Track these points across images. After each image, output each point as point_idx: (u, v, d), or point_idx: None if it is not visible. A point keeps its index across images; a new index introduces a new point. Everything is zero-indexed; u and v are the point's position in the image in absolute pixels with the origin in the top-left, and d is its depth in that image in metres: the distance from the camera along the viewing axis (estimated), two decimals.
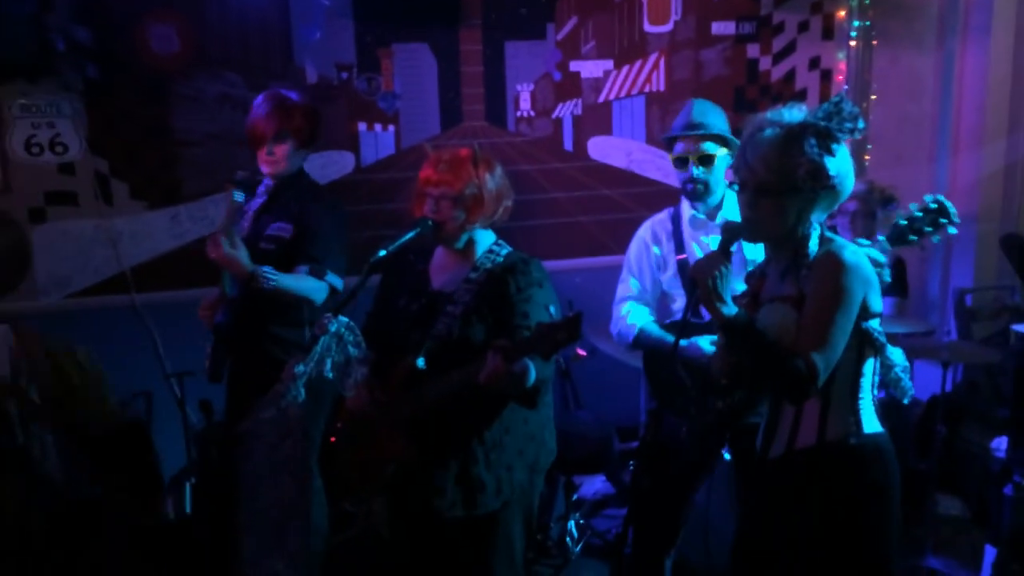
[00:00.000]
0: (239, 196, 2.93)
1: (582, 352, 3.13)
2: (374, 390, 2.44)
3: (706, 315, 2.93)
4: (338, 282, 3.04)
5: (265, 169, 3.10)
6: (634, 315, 3.08)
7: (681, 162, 2.97)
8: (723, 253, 2.10)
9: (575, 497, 3.97)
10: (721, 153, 2.95)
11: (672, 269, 3.07)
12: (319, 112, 3.21)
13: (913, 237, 2.53)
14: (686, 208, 3.08)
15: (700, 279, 2.05)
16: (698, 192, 2.95)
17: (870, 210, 3.79)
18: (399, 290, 2.55)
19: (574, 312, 2.09)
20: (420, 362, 2.34)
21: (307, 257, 2.99)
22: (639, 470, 3.26)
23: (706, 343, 2.89)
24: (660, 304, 3.17)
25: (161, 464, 4.24)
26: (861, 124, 2.06)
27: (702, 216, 3.03)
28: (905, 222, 2.53)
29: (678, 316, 3.08)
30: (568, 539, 3.86)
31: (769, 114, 2.10)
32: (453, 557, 2.54)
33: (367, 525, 3.56)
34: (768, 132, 2.06)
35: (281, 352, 2.99)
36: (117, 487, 2.34)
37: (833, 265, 2.04)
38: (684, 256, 3.03)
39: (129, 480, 2.39)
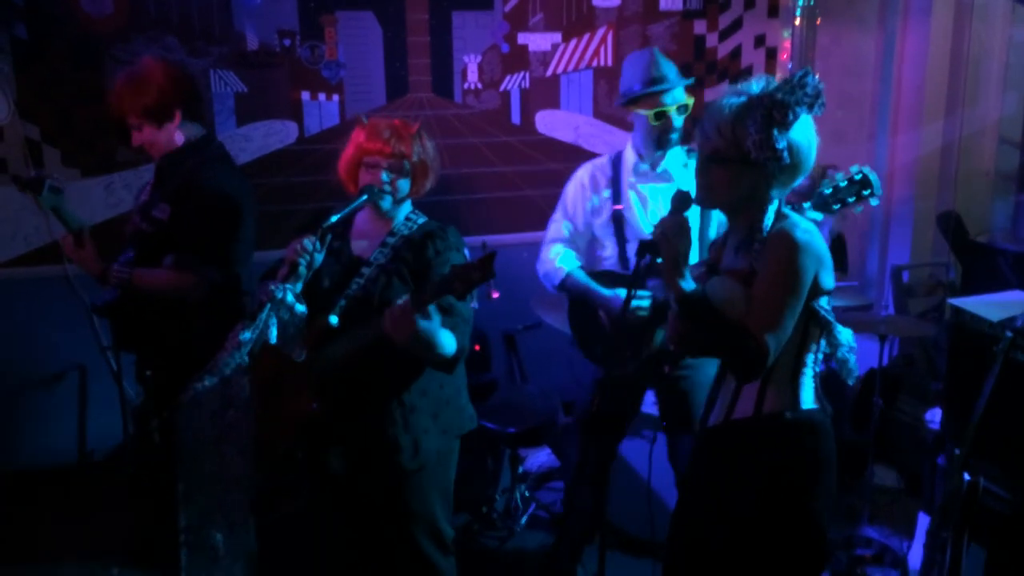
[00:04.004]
0: (46, 201, 2.71)
1: (496, 294, 3.17)
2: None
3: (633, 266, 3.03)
4: (212, 274, 2.75)
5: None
6: (563, 259, 3.13)
7: (661, 116, 2.97)
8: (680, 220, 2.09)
9: (520, 470, 3.98)
10: (690, 101, 3.00)
11: (606, 215, 3.10)
12: (183, 72, 2.87)
13: (836, 206, 2.60)
14: (629, 155, 3.11)
15: (664, 248, 2.04)
16: (681, 139, 3.02)
17: (816, 187, 3.86)
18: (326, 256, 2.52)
19: (488, 251, 2.08)
20: (333, 320, 2.32)
21: (177, 246, 2.74)
22: (585, 440, 3.30)
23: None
24: (588, 249, 3.21)
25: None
26: (822, 100, 2.03)
27: (646, 165, 3.08)
28: (830, 191, 2.60)
29: (606, 264, 3.13)
30: (513, 511, 3.88)
31: (740, 85, 2.09)
32: (373, 523, 2.55)
33: (299, 503, 3.53)
34: (729, 100, 2.05)
35: (160, 338, 2.85)
36: None
37: (785, 244, 2.02)
38: (621, 207, 3.07)
39: None
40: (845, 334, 2.15)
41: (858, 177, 2.57)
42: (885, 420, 4.24)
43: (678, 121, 2.99)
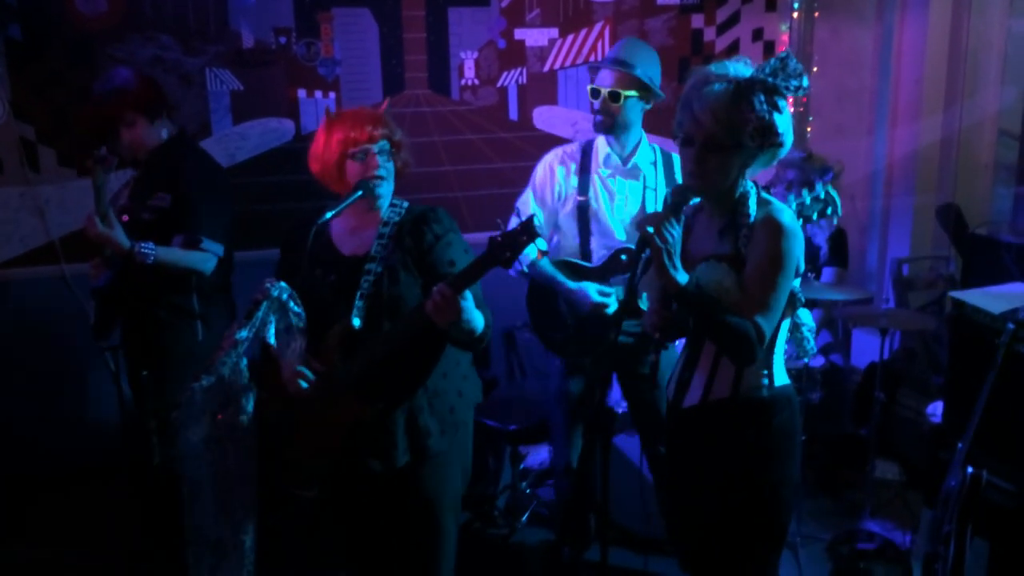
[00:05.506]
0: (101, 178, 2.88)
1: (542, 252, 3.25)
2: (310, 362, 2.38)
3: (596, 260, 3.06)
4: (217, 248, 3.04)
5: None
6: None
7: (593, 93, 2.99)
8: (674, 213, 2.06)
9: (521, 467, 3.97)
10: (631, 94, 2.95)
11: (571, 205, 3.09)
12: (153, 80, 3.16)
13: (800, 221, 2.63)
14: (601, 145, 3.08)
15: (652, 243, 2.02)
16: (603, 125, 3.00)
17: (807, 179, 3.83)
18: (310, 261, 2.45)
19: (527, 216, 2.10)
20: (355, 321, 2.29)
21: (182, 227, 3.00)
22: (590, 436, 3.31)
23: (593, 291, 2.98)
24: (550, 236, 3.21)
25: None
26: (805, 82, 2.07)
27: (617, 158, 3.05)
28: (795, 207, 2.62)
29: (567, 254, 3.13)
30: (515, 508, 3.87)
31: (714, 67, 2.08)
32: (389, 510, 2.51)
33: (300, 504, 3.50)
34: (716, 87, 2.04)
35: (168, 315, 3.08)
36: None
37: (775, 229, 2.07)
38: (585, 198, 3.06)
39: None
40: (805, 315, 2.25)
41: (822, 196, 2.62)
42: (886, 414, 4.23)
43: (604, 105, 2.96)
